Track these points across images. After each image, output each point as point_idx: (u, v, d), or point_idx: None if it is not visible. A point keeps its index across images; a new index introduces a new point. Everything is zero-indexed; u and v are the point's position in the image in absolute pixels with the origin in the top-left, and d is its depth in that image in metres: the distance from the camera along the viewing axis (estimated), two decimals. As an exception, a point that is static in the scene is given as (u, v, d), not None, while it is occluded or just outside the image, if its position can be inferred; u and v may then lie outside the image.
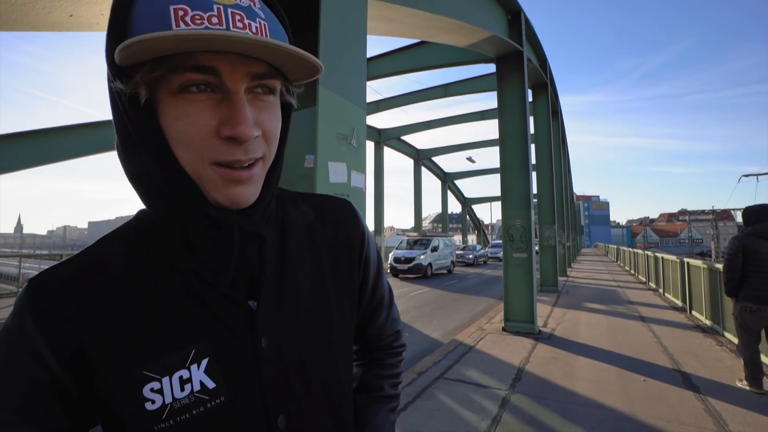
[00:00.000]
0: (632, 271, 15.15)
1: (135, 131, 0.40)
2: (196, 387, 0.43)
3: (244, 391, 0.45)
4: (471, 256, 21.61)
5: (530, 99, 9.46)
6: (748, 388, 3.48)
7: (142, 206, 0.47)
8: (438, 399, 3.40)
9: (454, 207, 33.88)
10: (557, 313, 7.22)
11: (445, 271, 17.01)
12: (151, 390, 0.42)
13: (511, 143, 6.31)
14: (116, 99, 0.40)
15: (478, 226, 38.33)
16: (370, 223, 2.13)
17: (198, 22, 0.36)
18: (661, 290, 9.55)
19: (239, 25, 0.37)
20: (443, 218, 28.31)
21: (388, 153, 20.28)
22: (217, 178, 0.41)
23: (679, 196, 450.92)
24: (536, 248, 7.48)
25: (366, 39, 2.05)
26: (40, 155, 7.79)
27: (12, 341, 0.41)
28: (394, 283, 13.32)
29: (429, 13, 3.87)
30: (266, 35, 0.40)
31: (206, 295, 0.45)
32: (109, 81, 0.39)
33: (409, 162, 22.57)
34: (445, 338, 5.97)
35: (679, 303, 7.78)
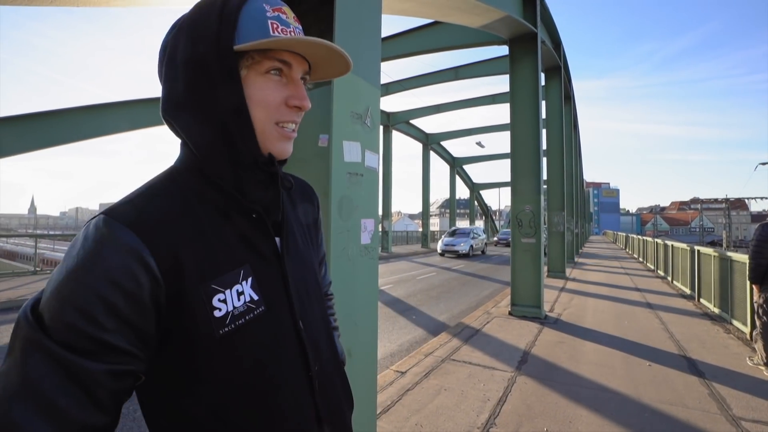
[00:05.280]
0: (641, 259, 15.05)
1: (226, 95, 0.54)
2: (247, 298, 0.56)
3: (277, 302, 0.60)
4: None
5: (543, 83, 9.26)
6: (766, 372, 3.55)
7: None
8: (445, 379, 3.47)
9: (463, 192, 33.66)
10: (564, 298, 7.25)
11: None
12: (219, 300, 0.53)
13: (522, 128, 6.22)
14: (209, 71, 0.53)
15: (486, 211, 38.16)
16: (378, 208, 2.15)
17: (285, 33, 0.55)
18: (669, 278, 9.50)
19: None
20: (451, 203, 28.20)
21: (397, 137, 20.07)
22: (276, 134, 0.58)
23: (692, 185, 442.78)
24: (545, 234, 7.46)
25: (381, 16, 2.01)
26: (55, 136, 7.88)
27: (112, 251, 0.46)
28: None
29: (443, -8, 3.77)
30: None
31: (246, 229, 0.59)
32: (208, 58, 0.53)
33: (417, 146, 22.40)
34: (451, 321, 6.05)
35: (687, 291, 7.75)
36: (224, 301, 0.53)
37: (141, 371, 0.48)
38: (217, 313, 0.52)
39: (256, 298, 0.57)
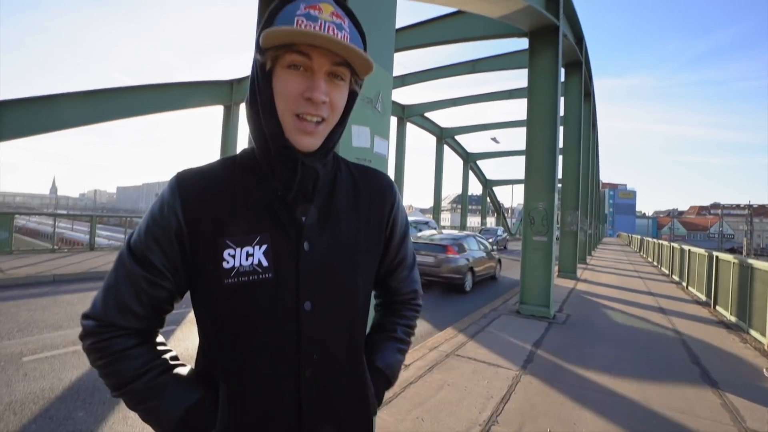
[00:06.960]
0: (655, 263, 14.72)
1: (258, 88, 0.64)
2: (255, 261, 0.65)
3: (285, 274, 0.66)
4: None
5: (562, 78, 9.02)
6: None
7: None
8: (448, 374, 3.44)
9: (475, 188, 33.38)
10: (574, 299, 7.12)
11: None
12: (228, 254, 0.64)
13: (539, 123, 6.08)
14: (255, 66, 0.65)
15: (498, 208, 37.77)
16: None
17: (308, 28, 0.59)
18: (684, 283, 9.26)
19: (330, 32, 0.60)
20: (463, 199, 27.96)
21: (411, 130, 19.91)
22: (293, 126, 0.63)
23: (713, 189, 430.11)
24: (557, 233, 7.32)
25: (396, -1, 1.95)
26: (71, 118, 8.01)
27: (163, 201, 0.66)
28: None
29: (463, -21, 3.66)
30: (346, 41, 0.61)
31: (275, 205, 0.67)
32: (255, 56, 0.64)
33: (431, 140, 22.21)
34: (458, 317, 6.00)
35: (702, 297, 7.54)
36: (233, 257, 0.64)
37: (172, 290, 0.66)
38: (225, 264, 0.64)
39: (265, 264, 0.65)
